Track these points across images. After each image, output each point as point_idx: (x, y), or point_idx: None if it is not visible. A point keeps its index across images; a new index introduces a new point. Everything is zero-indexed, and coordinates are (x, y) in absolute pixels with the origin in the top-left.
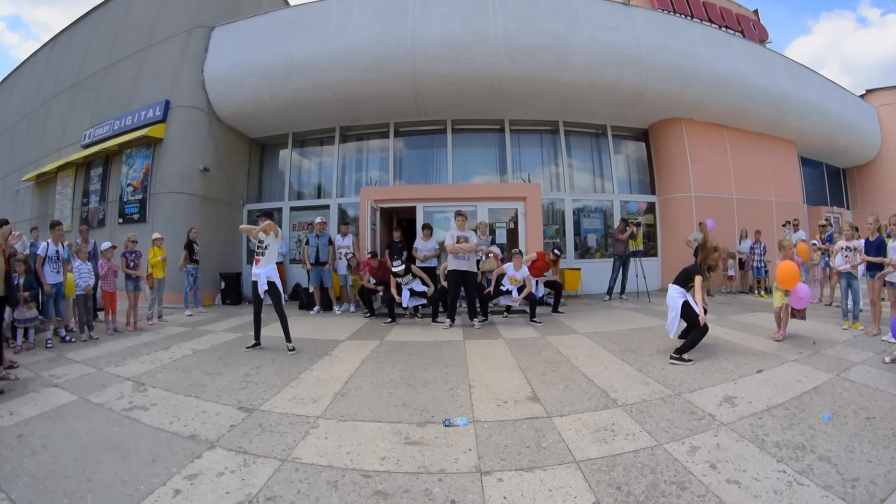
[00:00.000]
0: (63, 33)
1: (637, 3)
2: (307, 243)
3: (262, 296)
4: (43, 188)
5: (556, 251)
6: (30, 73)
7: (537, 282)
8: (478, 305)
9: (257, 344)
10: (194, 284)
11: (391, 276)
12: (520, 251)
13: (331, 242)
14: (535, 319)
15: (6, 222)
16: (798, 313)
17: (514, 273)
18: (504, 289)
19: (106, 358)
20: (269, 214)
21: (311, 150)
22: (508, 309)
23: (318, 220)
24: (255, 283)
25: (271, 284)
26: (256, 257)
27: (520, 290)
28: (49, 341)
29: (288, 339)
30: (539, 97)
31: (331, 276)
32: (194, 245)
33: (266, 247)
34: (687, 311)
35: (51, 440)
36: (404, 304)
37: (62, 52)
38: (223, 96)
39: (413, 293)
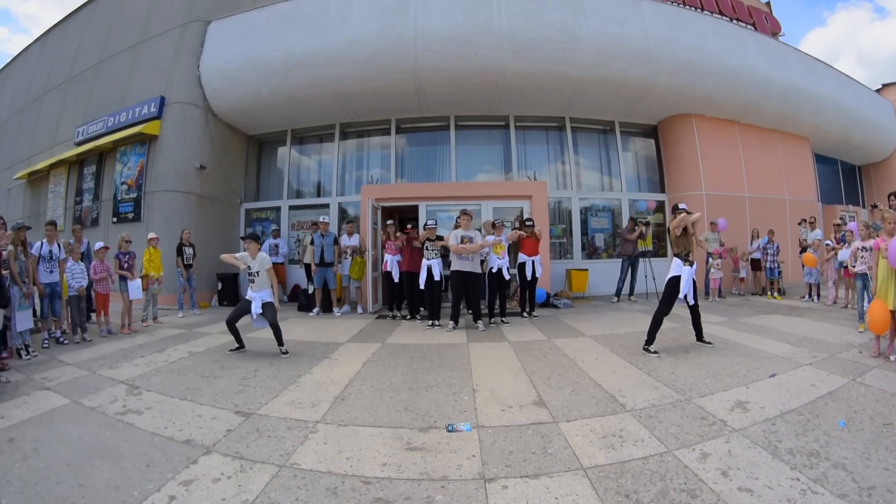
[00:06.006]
0: (55, 28)
1: None
2: (311, 243)
3: (254, 317)
4: (35, 186)
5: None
6: (21, 68)
7: (533, 262)
8: (496, 307)
9: (241, 347)
10: (189, 287)
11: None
12: (502, 221)
13: (336, 242)
14: (534, 314)
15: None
16: None
17: (500, 238)
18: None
19: (99, 360)
20: (254, 237)
21: (310, 147)
22: (523, 310)
23: (322, 218)
24: (246, 301)
25: (267, 305)
26: (251, 283)
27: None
28: (45, 341)
29: (280, 343)
30: (545, 92)
31: (335, 277)
32: (184, 248)
33: (256, 274)
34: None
35: (42, 444)
36: (421, 286)
37: (54, 48)
38: (220, 92)
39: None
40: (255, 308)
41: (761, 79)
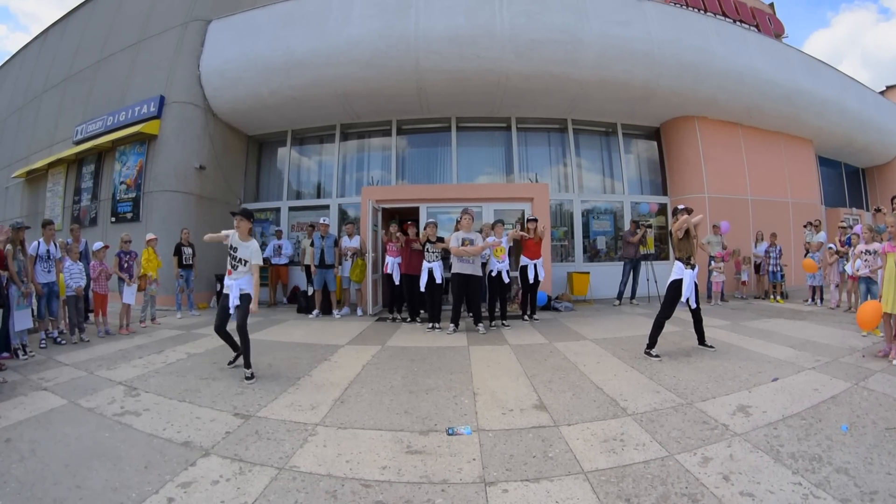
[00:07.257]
0: (55, 26)
1: None
2: (312, 244)
3: (231, 311)
4: (33, 185)
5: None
6: (20, 66)
7: (535, 265)
8: (497, 310)
9: (240, 355)
10: (187, 287)
11: (420, 251)
12: (501, 221)
13: (336, 244)
14: (535, 317)
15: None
16: None
17: (500, 241)
18: (495, 271)
19: (97, 361)
20: (246, 214)
21: (310, 148)
22: (524, 313)
23: (322, 220)
24: (224, 296)
25: (244, 298)
26: (229, 269)
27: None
28: (43, 342)
29: (247, 364)
30: (547, 94)
31: (335, 279)
32: (182, 248)
33: (241, 261)
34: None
35: (39, 445)
36: (422, 288)
37: (54, 46)
38: (220, 92)
39: (429, 281)
40: (233, 299)
41: (764, 81)
